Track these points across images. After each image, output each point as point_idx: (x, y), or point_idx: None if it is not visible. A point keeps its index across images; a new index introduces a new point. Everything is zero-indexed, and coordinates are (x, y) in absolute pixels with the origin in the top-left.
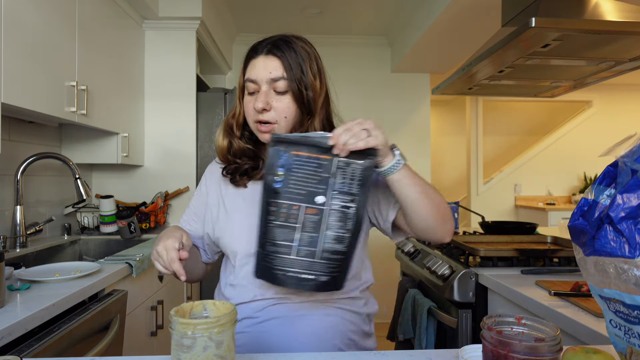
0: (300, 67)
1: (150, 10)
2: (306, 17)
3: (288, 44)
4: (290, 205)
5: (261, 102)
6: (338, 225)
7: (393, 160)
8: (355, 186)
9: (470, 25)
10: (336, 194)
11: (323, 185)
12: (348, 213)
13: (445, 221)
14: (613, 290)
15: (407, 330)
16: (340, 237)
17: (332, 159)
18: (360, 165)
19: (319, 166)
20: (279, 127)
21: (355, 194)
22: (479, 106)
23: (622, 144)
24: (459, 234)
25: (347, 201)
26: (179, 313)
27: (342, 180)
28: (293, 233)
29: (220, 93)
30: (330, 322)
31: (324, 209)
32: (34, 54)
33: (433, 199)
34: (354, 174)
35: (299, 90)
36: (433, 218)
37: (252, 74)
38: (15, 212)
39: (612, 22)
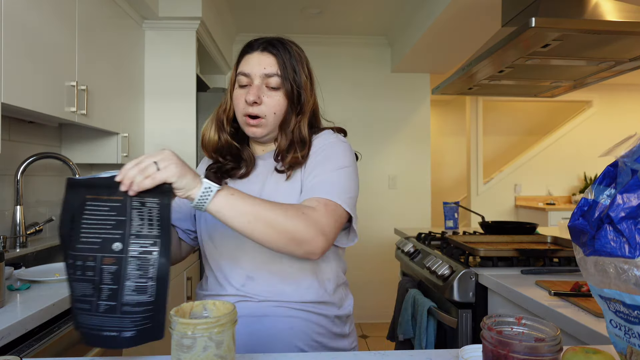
0: (293, 68)
1: (150, 10)
2: (306, 17)
3: (283, 44)
4: (85, 257)
5: (253, 95)
6: (138, 274)
7: (200, 190)
8: (156, 227)
9: (470, 25)
10: (134, 238)
11: (119, 230)
12: (150, 259)
13: (301, 243)
14: (613, 290)
15: (407, 330)
16: (142, 287)
17: (125, 199)
18: (156, 204)
19: (111, 209)
20: (267, 122)
21: (157, 236)
22: (479, 106)
23: (622, 144)
24: (458, 234)
25: (148, 245)
26: (179, 313)
27: (139, 222)
28: (91, 287)
29: (220, 93)
30: (291, 323)
31: (122, 257)
32: (34, 54)
33: (273, 226)
34: (152, 214)
35: (292, 89)
36: (277, 245)
37: (246, 68)
38: (15, 212)
39: (612, 22)
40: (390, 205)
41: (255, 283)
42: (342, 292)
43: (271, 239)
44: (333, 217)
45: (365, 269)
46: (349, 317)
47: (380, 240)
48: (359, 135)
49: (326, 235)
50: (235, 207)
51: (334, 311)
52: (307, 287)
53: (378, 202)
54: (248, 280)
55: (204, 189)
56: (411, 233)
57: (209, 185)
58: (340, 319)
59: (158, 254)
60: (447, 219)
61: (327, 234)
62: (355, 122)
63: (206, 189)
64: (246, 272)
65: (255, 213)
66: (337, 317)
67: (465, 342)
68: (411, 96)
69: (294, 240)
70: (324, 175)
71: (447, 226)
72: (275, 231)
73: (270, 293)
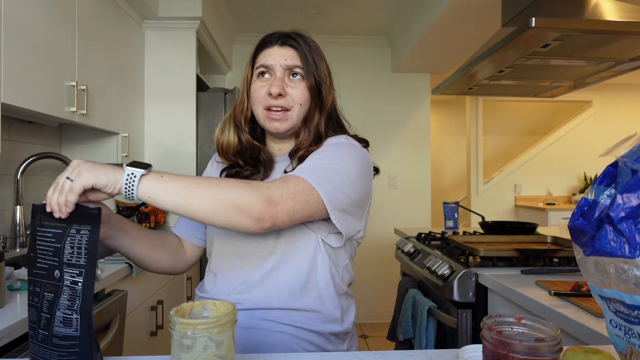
0: (314, 61)
1: (150, 10)
2: (306, 17)
3: (302, 38)
4: (35, 282)
5: (277, 86)
6: (66, 305)
7: (124, 177)
8: (83, 257)
9: (470, 25)
10: (66, 267)
11: (56, 258)
12: (77, 289)
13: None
14: (613, 290)
15: (407, 330)
16: (68, 320)
17: (67, 226)
18: (87, 231)
19: (53, 235)
20: (292, 115)
21: (82, 265)
22: (479, 106)
23: (622, 144)
24: (458, 234)
25: (75, 275)
26: (179, 313)
27: (70, 250)
28: (35, 314)
29: (220, 93)
30: (279, 338)
31: (59, 286)
32: (34, 54)
33: (211, 197)
34: (81, 242)
35: (315, 82)
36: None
37: (267, 60)
38: (15, 212)
39: (612, 22)
40: (390, 205)
41: (249, 288)
42: (343, 303)
43: (213, 211)
44: (290, 189)
45: (365, 269)
46: (347, 333)
47: (380, 240)
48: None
49: (274, 203)
50: (166, 187)
51: (329, 327)
52: (300, 295)
53: (378, 202)
54: (243, 285)
55: (127, 176)
56: (411, 233)
57: (132, 171)
58: (337, 337)
59: (82, 285)
60: (447, 219)
61: (276, 202)
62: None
63: (129, 175)
64: (242, 277)
65: (189, 188)
66: (332, 334)
67: (465, 342)
68: (411, 96)
69: (237, 209)
70: (310, 161)
71: (447, 226)
72: (215, 202)
73: (261, 299)
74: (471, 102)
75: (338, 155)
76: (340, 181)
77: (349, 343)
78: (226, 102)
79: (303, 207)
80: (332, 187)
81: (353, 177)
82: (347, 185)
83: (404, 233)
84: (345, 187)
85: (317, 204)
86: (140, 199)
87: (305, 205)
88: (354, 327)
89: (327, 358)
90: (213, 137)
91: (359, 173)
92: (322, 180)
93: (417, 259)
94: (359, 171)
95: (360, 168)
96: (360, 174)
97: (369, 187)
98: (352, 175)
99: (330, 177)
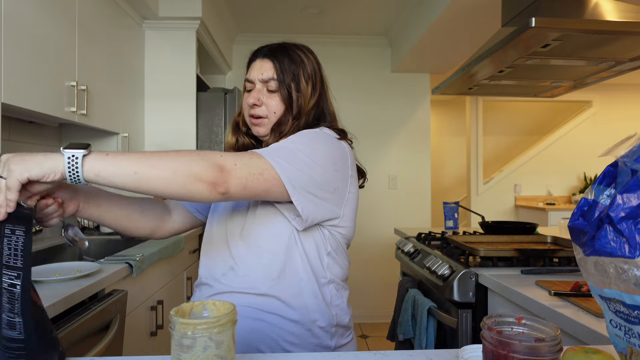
0: (292, 72)
1: (150, 10)
2: (306, 17)
3: (284, 51)
4: None
5: (252, 98)
6: (8, 308)
7: (65, 162)
8: (20, 259)
9: (470, 25)
10: (5, 269)
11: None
12: (15, 292)
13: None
14: (613, 290)
15: (407, 330)
16: (12, 323)
17: (1, 226)
18: (23, 233)
19: None
20: (269, 122)
21: (19, 267)
22: (479, 106)
23: (622, 144)
24: (458, 234)
25: (13, 277)
26: (179, 313)
27: (8, 252)
28: None
29: (220, 93)
30: (255, 325)
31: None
32: (34, 54)
33: (164, 167)
34: (17, 244)
35: (288, 92)
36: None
37: (249, 75)
38: None
39: (612, 22)
40: (390, 205)
41: (234, 273)
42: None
43: (167, 181)
44: (244, 160)
45: (365, 269)
46: (334, 327)
47: (380, 240)
48: (359, 135)
49: (227, 170)
50: (115, 163)
51: (307, 317)
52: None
53: (378, 202)
54: (229, 271)
55: (68, 159)
56: (411, 233)
57: (72, 152)
58: (323, 329)
59: (20, 288)
60: (447, 219)
61: (229, 169)
62: (355, 122)
63: (70, 158)
64: (230, 262)
65: (139, 161)
66: (316, 326)
67: (465, 342)
68: (411, 96)
69: (191, 176)
70: (272, 145)
71: (447, 226)
72: (169, 171)
73: (239, 283)
74: (471, 102)
75: (303, 140)
76: (303, 162)
77: (338, 339)
78: (226, 102)
79: (257, 179)
80: (291, 167)
81: (319, 160)
82: (310, 167)
83: (404, 233)
84: (308, 169)
85: (273, 180)
86: (87, 179)
87: (260, 178)
88: (351, 326)
89: (327, 358)
90: (213, 137)
91: (327, 157)
92: (280, 159)
93: (417, 259)
94: (326, 155)
95: (328, 152)
96: (329, 159)
97: (343, 173)
98: (318, 158)
99: (291, 157)
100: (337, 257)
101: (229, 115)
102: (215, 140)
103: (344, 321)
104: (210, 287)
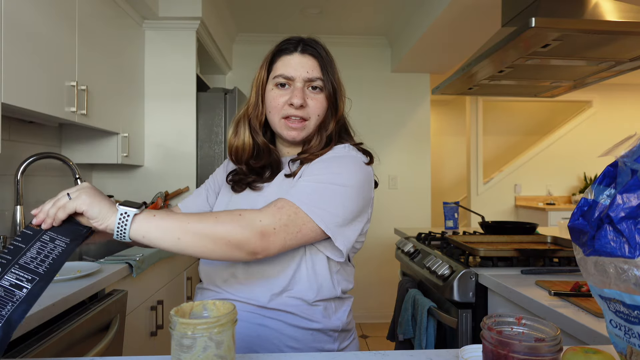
0: (332, 69)
1: (150, 10)
2: (306, 17)
3: (320, 46)
4: None
5: (300, 98)
6: None
7: (116, 218)
8: (45, 265)
9: (470, 25)
10: (17, 268)
11: (8, 256)
12: (15, 294)
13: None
14: (613, 290)
15: (407, 330)
16: None
17: (40, 230)
18: (63, 244)
19: (21, 235)
20: (309, 125)
21: (39, 273)
22: (479, 106)
23: (622, 144)
24: (458, 234)
25: (23, 280)
26: (179, 313)
27: (34, 255)
28: None
29: (220, 93)
30: (259, 331)
31: None
32: (34, 54)
33: (205, 235)
34: (52, 251)
35: (333, 91)
36: (217, 253)
37: (288, 71)
38: (15, 212)
39: (612, 22)
40: (390, 205)
41: (236, 281)
42: (331, 305)
43: (207, 249)
44: (283, 220)
45: (365, 269)
46: (337, 331)
47: (380, 240)
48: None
49: (267, 236)
50: (160, 227)
51: (314, 324)
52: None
53: (378, 202)
54: (231, 278)
55: (120, 215)
56: (411, 233)
57: (125, 210)
58: (325, 333)
59: (26, 292)
60: (447, 219)
61: (268, 235)
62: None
63: (122, 214)
64: (231, 269)
65: (182, 227)
66: (318, 330)
67: (465, 342)
68: (411, 96)
69: (231, 245)
70: (308, 182)
71: (447, 226)
72: (208, 240)
73: (245, 293)
74: (471, 102)
75: (335, 171)
76: (339, 202)
77: (340, 343)
78: (226, 102)
79: (295, 237)
80: (325, 211)
81: (351, 194)
82: (345, 205)
83: (404, 233)
84: (343, 208)
85: (311, 233)
86: (133, 238)
87: (298, 235)
88: (353, 329)
89: (327, 358)
90: (213, 137)
91: (358, 186)
92: (315, 207)
93: (417, 259)
94: (358, 184)
95: (358, 181)
96: (359, 187)
97: (367, 199)
98: (350, 192)
99: (325, 200)
100: (346, 271)
101: (229, 115)
102: (215, 140)
103: (346, 327)
104: (211, 292)
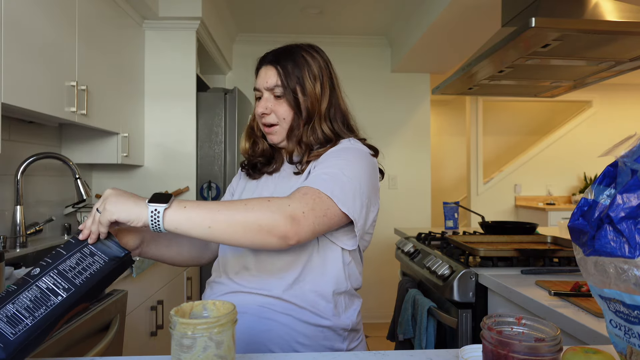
0: (296, 76)
1: (150, 10)
2: (306, 17)
3: (288, 54)
4: None
5: (261, 107)
6: (25, 305)
7: (148, 215)
8: (81, 278)
9: (470, 25)
10: (55, 273)
11: (50, 260)
12: (50, 298)
13: (271, 230)
14: (613, 290)
15: (407, 330)
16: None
17: (85, 242)
18: (102, 261)
19: (65, 243)
20: (280, 129)
21: (75, 284)
22: (479, 106)
23: (622, 144)
24: (458, 234)
25: (60, 287)
26: (179, 313)
27: (73, 264)
28: None
29: (220, 93)
30: (269, 325)
31: (29, 281)
32: (34, 54)
33: (236, 222)
34: (90, 266)
35: (294, 97)
36: (249, 239)
37: (257, 83)
38: (15, 212)
39: (612, 22)
40: (390, 205)
41: (248, 273)
42: (341, 301)
43: (239, 235)
44: (309, 204)
45: (365, 269)
46: (346, 330)
47: (380, 240)
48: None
49: (297, 220)
50: (191, 217)
51: (321, 321)
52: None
53: None
54: (242, 270)
55: (151, 213)
56: (411, 233)
57: (154, 207)
58: (335, 332)
59: (61, 301)
60: (447, 219)
61: (299, 219)
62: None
63: (152, 212)
64: (243, 262)
65: (212, 216)
66: (329, 327)
67: (465, 342)
68: (411, 96)
69: (263, 230)
70: (323, 170)
71: (447, 226)
72: (240, 226)
73: (257, 284)
74: (471, 102)
75: (346, 160)
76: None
77: (350, 342)
78: (226, 102)
79: (323, 222)
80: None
81: (363, 180)
82: (361, 192)
83: (404, 233)
84: (360, 194)
85: (335, 217)
86: (168, 230)
87: (324, 220)
88: (362, 330)
89: (327, 358)
90: (213, 137)
91: (368, 174)
92: (336, 190)
93: (417, 259)
94: (368, 172)
95: (367, 169)
96: (369, 175)
97: (377, 187)
98: (363, 179)
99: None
100: (356, 265)
101: (229, 115)
102: (215, 140)
103: (356, 327)
104: (222, 285)
